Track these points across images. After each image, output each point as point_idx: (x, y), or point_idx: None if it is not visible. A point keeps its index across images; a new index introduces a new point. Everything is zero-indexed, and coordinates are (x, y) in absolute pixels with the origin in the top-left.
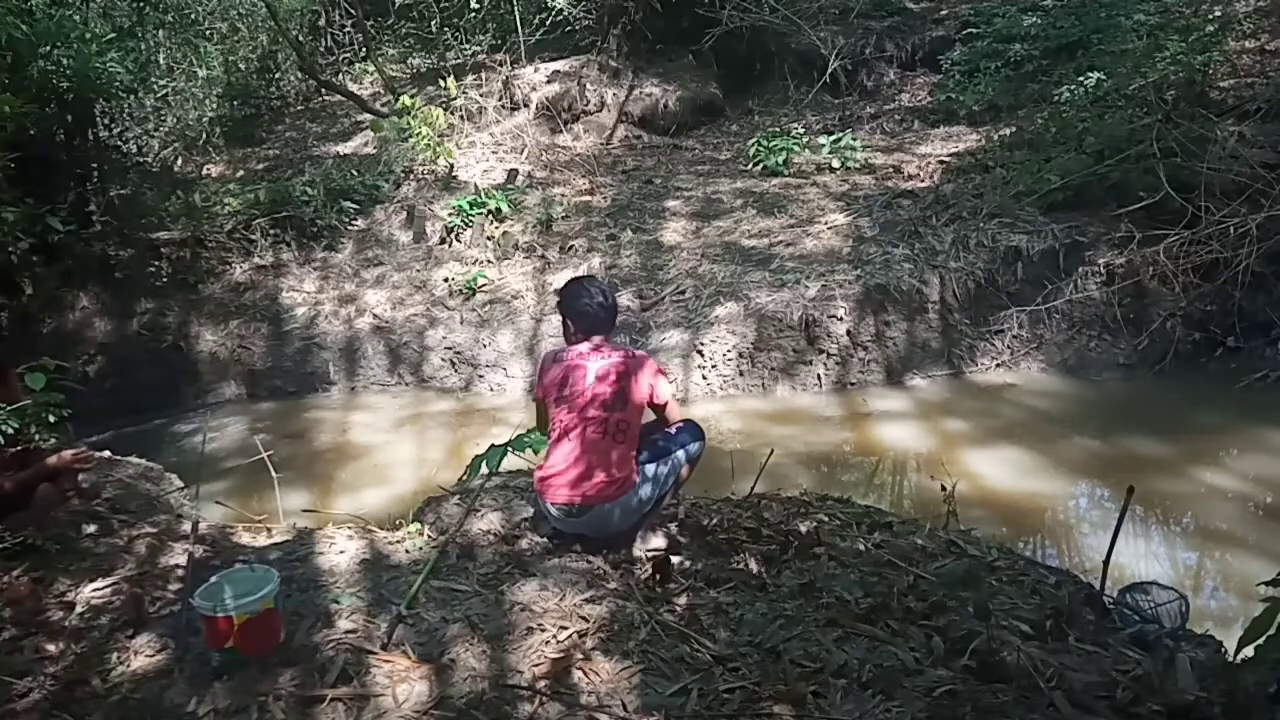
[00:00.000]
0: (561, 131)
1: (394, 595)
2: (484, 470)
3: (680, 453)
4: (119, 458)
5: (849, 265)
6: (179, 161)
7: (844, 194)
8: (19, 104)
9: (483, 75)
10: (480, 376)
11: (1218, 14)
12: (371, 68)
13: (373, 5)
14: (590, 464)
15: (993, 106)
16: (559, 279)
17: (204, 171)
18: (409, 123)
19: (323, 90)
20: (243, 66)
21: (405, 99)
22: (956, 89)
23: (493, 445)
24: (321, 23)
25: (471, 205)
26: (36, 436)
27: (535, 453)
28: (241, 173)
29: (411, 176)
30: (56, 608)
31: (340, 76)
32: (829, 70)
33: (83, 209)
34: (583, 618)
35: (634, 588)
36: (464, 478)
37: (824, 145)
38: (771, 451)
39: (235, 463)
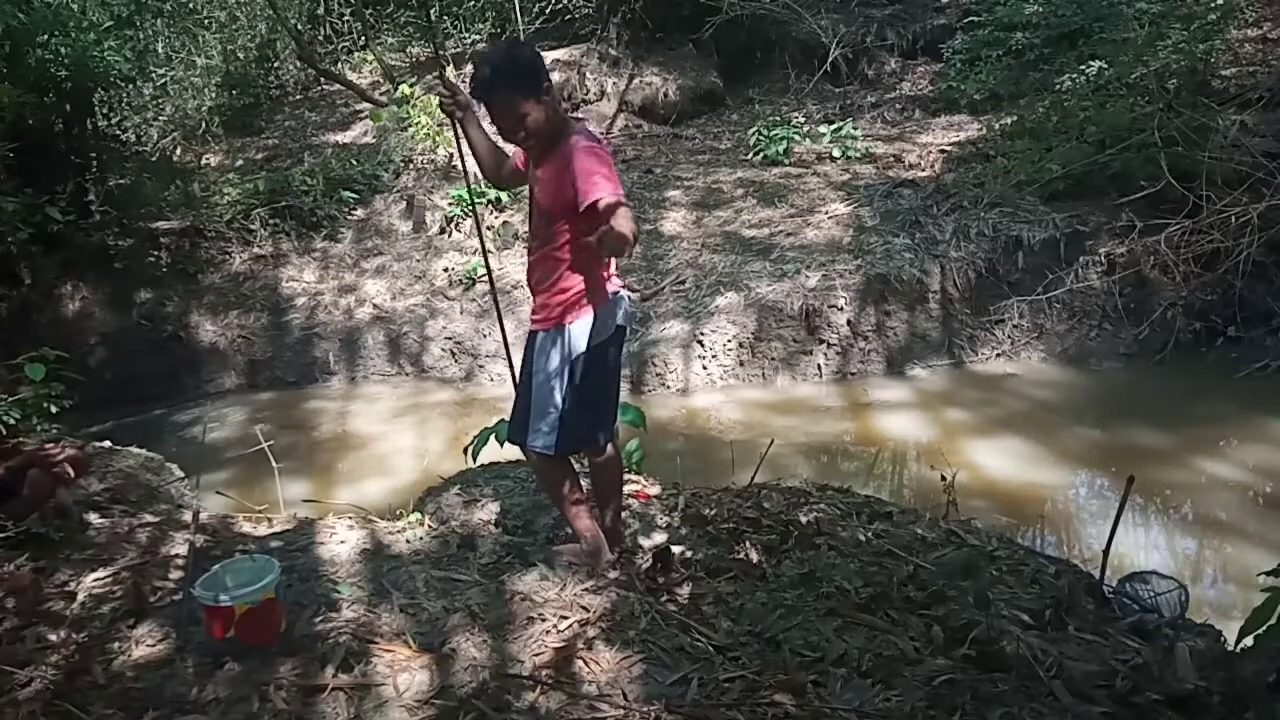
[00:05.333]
0: None
1: (395, 585)
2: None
3: None
4: (119, 448)
5: (850, 255)
6: (178, 151)
7: (845, 183)
8: (17, 94)
9: None
10: (481, 367)
11: (1220, 2)
12: (370, 56)
13: None
14: None
15: (994, 95)
16: None
17: (203, 161)
18: (408, 112)
19: (321, 79)
20: (241, 55)
21: (404, 88)
22: (958, 78)
23: (501, 420)
24: (320, 11)
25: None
26: (37, 426)
27: None
28: (240, 162)
29: (411, 166)
30: (58, 597)
31: (339, 65)
32: (830, 59)
33: (81, 199)
34: (583, 607)
35: (635, 578)
36: (471, 447)
37: (825, 134)
38: (772, 442)
39: (236, 453)
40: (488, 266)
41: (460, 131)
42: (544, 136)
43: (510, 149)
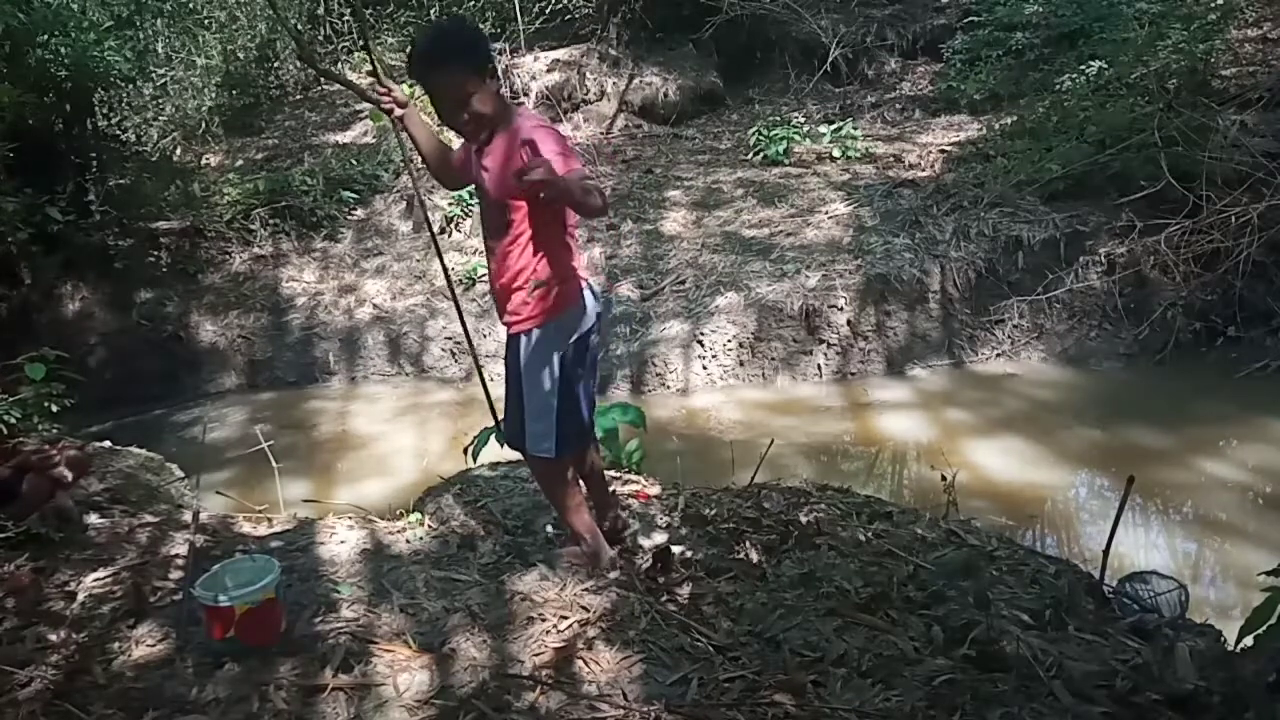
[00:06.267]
0: (561, 121)
1: (395, 585)
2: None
3: None
4: (119, 448)
5: (850, 255)
6: (178, 151)
7: (845, 183)
8: (17, 94)
9: None
10: (481, 366)
11: (1220, 2)
12: (369, 56)
13: None
14: None
15: (994, 95)
16: None
17: (203, 161)
18: None
19: (321, 79)
20: (241, 55)
21: (404, 88)
22: (958, 78)
23: (499, 421)
24: (320, 11)
25: (471, 194)
26: (38, 426)
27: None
28: (240, 162)
29: (411, 165)
30: (58, 597)
31: (339, 65)
32: (830, 59)
33: (82, 199)
34: (583, 607)
35: (635, 578)
36: (470, 447)
37: (825, 134)
38: (772, 442)
39: (236, 453)
40: (442, 262)
41: (402, 130)
42: (488, 121)
43: (455, 145)
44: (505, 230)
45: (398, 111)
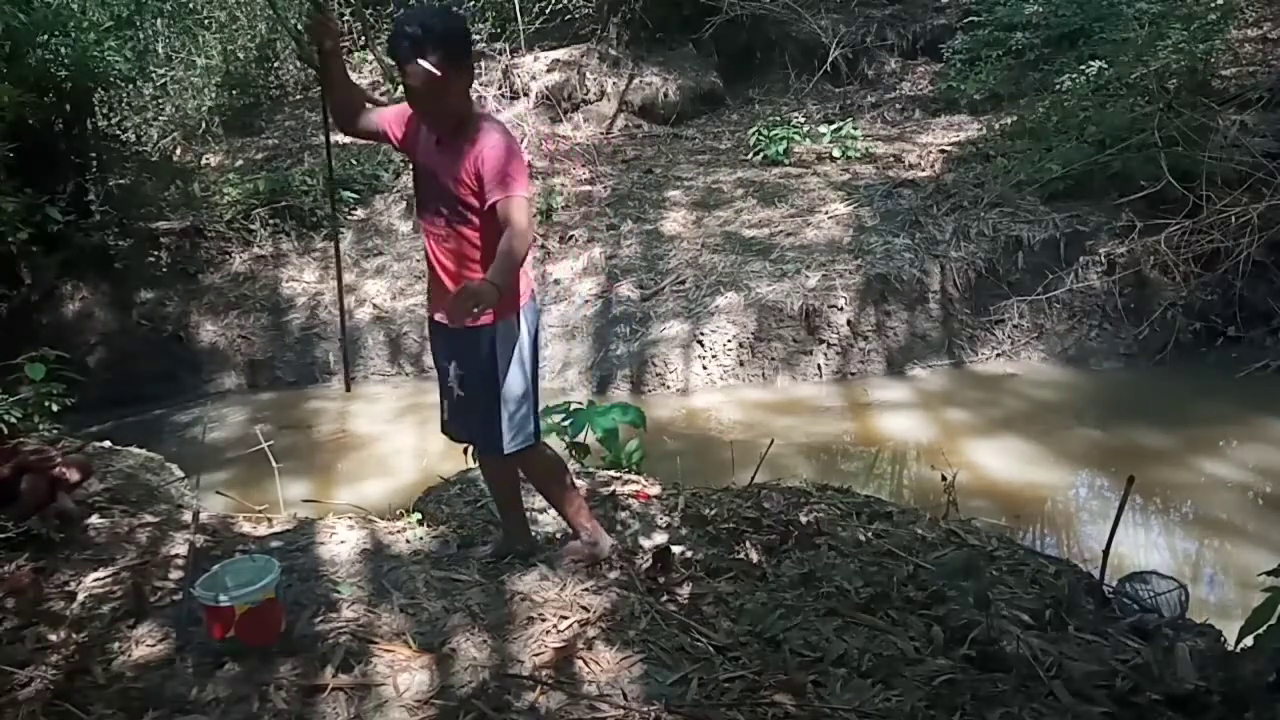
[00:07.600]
0: (561, 121)
1: (395, 585)
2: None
3: None
4: (119, 448)
5: (850, 255)
6: (178, 151)
7: (845, 183)
8: (17, 94)
9: (482, 64)
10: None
11: (1220, 2)
12: (370, 56)
13: None
14: None
15: (994, 95)
16: (560, 269)
17: (203, 161)
18: None
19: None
20: (241, 55)
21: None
22: (958, 78)
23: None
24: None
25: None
26: (39, 426)
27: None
28: (241, 162)
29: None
30: (58, 597)
31: None
32: (830, 59)
33: (82, 199)
34: (584, 607)
35: (635, 578)
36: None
37: (825, 134)
38: (772, 442)
39: (236, 453)
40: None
41: (324, 66)
42: (453, 114)
43: (392, 107)
44: (458, 222)
45: (328, 45)
